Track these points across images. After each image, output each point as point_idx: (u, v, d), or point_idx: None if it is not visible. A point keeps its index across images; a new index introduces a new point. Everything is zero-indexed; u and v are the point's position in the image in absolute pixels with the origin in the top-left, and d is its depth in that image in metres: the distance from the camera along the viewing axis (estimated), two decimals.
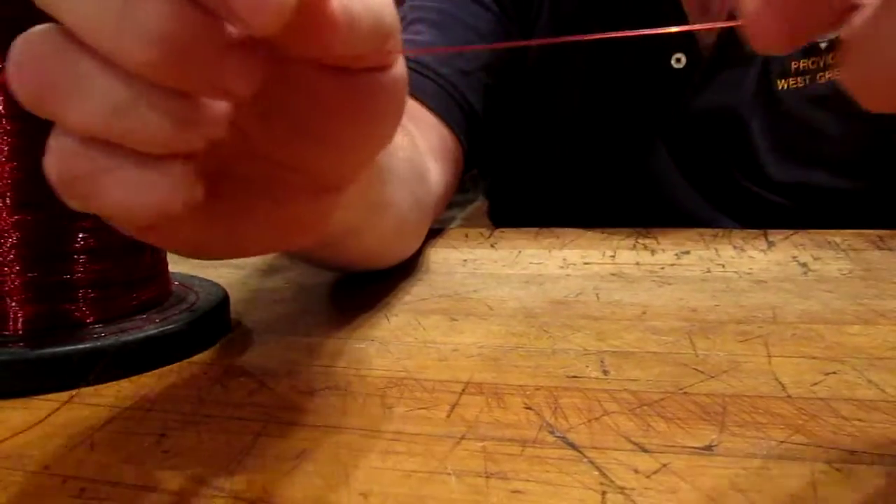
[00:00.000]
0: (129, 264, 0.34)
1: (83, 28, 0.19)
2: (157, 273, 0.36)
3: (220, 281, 0.45)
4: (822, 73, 0.60)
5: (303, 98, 0.23)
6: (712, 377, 0.30)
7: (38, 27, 0.19)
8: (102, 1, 0.18)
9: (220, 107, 0.21)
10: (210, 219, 0.24)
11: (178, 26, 0.18)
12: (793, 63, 0.60)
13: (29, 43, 0.19)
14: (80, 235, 0.32)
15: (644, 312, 0.38)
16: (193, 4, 0.18)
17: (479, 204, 0.81)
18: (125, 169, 0.20)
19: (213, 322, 0.36)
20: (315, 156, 0.25)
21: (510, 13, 0.65)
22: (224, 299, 0.37)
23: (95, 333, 0.32)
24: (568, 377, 0.30)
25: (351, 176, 0.27)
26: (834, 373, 0.30)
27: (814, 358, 0.31)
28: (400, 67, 0.25)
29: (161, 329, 0.33)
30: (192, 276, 0.41)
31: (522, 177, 0.72)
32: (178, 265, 0.41)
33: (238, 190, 0.25)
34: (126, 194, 0.20)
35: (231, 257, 0.28)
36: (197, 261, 0.51)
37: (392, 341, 0.35)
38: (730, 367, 0.31)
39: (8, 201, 0.31)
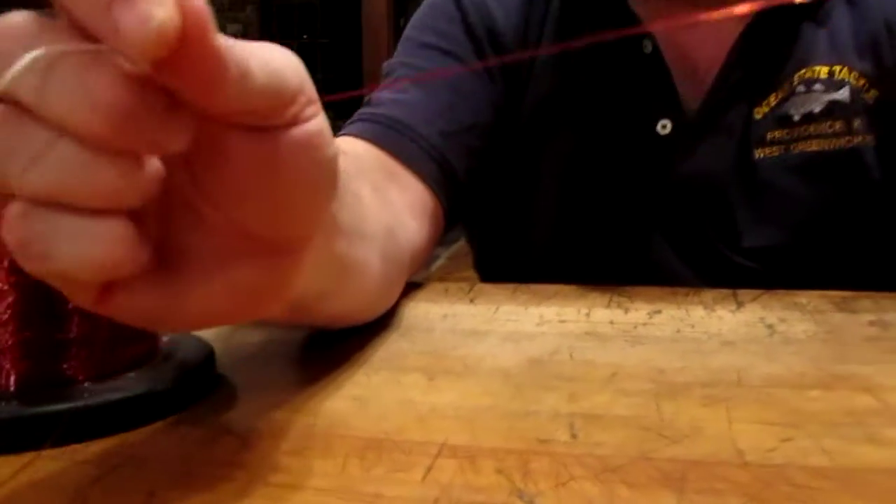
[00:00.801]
0: (122, 326, 0.35)
1: (38, 103, 0.21)
2: (146, 332, 0.37)
3: (208, 334, 0.47)
4: (795, 144, 0.63)
5: (227, 160, 0.25)
6: (675, 442, 0.31)
7: None
8: (56, 77, 0.21)
9: (155, 164, 0.23)
10: (166, 290, 0.26)
11: (128, 97, 0.21)
12: (768, 133, 0.63)
13: None
14: None
15: (615, 373, 0.40)
16: (137, 77, 0.21)
17: (464, 243, 0.83)
18: (74, 226, 0.22)
19: (200, 380, 0.37)
20: (255, 217, 0.26)
21: (496, 78, 0.67)
22: (210, 356, 0.39)
23: (86, 391, 0.33)
24: (539, 440, 0.31)
25: (301, 236, 0.28)
26: (790, 439, 0.31)
27: (772, 423, 0.33)
28: (316, 123, 0.26)
29: (149, 388, 0.34)
30: (181, 333, 0.42)
31: (506, 230, 0.74)
32: None
33: (192, 261, 0.26)
34: (76, 250, 0.22)
35: (196, 328, 0.30)
36: None
37: (372, 400, 0.37)
38: (692, 432, 0.32)
39: (5, 263, 0.33)
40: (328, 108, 0.28)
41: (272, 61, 0.24)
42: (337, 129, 0.28)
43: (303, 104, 0.25)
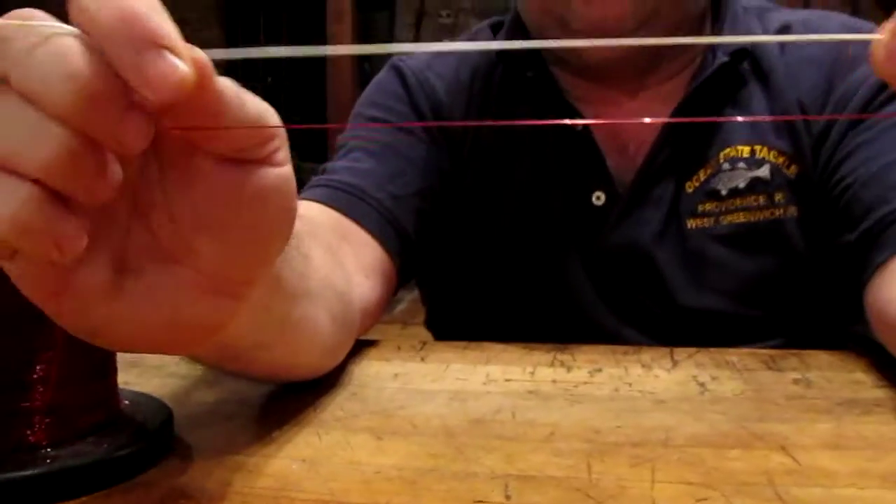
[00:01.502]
0: (84, 391, 0.37)
1: (16, 70, 0.24)
2: (108, 397, 0.39)
3: (166, 391, 0.49)
4: (724, 216, 0.67)
5: (202, 186, 0.29)
6: (600, 503, 0.34)
7: None
8: (41, 49, 0.24)
9: (116, 170, 0.26)
10: (115, 304, 0.29)
11: (99, 81, 0.24)
12: (699, 205, 0.67)
13: None
14: (39, 367, 0.36)
15: (552, 433, 0.43)
16: (108, 67, 0.24)
17: None
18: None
19: (158, 443, 0.39)
20: (210, 250, 0.30)
21: (440, 143, 0.71)
22: (168, 420, 0.41)
23: (48, 457, 0.35)
24: (474, 502, 0.34)
25: (245, 282, 0.32)
26: (705, 499, 0.34)
27: (691, 484, 0.36)
28: (287, 170, 0.30)
29: (108, 453, 0.36)
30: (140, 394, 0.44)
31: (455, 290, 0.77)
32: (127, 374, 0.44)
33: (142, 285, 0.29)
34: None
35: (130, 350, 0.33)
36: (147, 368, 0.54)
37: (322, 462, 0.39)
38: (617, 492, 0.35)
39: None
40: (292, 149, 0.32)
41: (259, 102, 0.28)
42: (300, 170, 0.31)
43: (278, 145, 0.29)
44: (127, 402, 0.42)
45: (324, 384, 0.51)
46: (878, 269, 0.56)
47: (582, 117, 0.68)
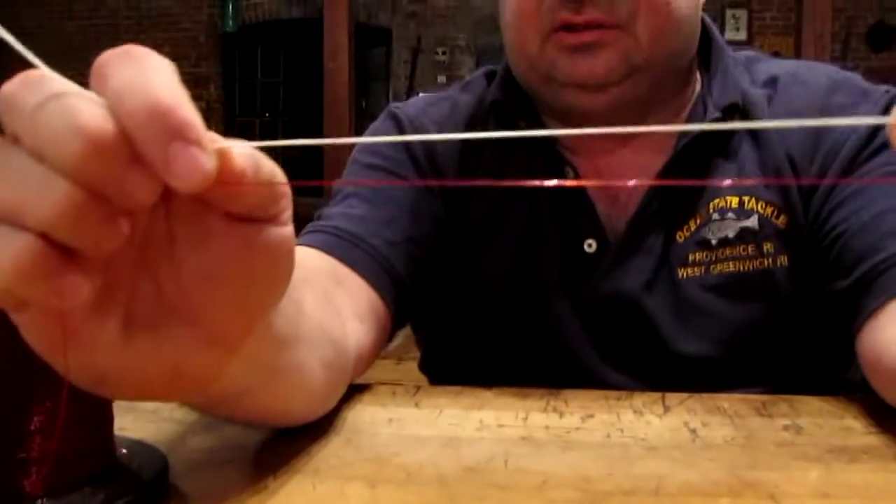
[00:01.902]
0: (81, 441, 0.38)
1: (26, 126, 0.25)
2: (104, 446, 0.39)
3: (161, 437, 0.49)
4: (714, 265, 0.68)
5: (211, 242, 0.30)
6: None
7: None
8: (51, 105, 0.25)
9: (122, 224, 0.26)
10: (118, 355, 0.30)
11: (101, 132, 0.25)
12: (689, 255, 0.68)
13: None
14: (37, 418, 0.36)
15: (544, 482, 0.43)
16: (117, 123, 0.25)
17: None
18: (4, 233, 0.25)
19: (153, 492, 0.39)
20: (211, 304, 0.31)
21: (437, 197, 0.72)
22: (163, 469, 0.41)
23: None
24: None
25: (240, 334, 0.33)
26: None
27: None
28: (290, 229, 0.32)
29: (105, 503, 0.36)
30: (136, 442, 0.45)
31: (450, 335, 0.78)
32: (122, 419, 0.44)
33: (148, 334, 0.31)
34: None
35: (130, 399, 0.35)
36: (142, 413, 0.54)
37: None
38: None
39: None
40: (295, 148, 0.34)
41: (270, 163, 0.30)
42: (296, 204, 0.33)
43: (285, 205, 0.31)
44: (123, 450, 0.43)
45: (318, 430, 0.52)
46: (872, 316, 0.57)
47: (573, 166, 0.70)
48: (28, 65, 0.27)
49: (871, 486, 0.42)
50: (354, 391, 0.60)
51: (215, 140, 0.27)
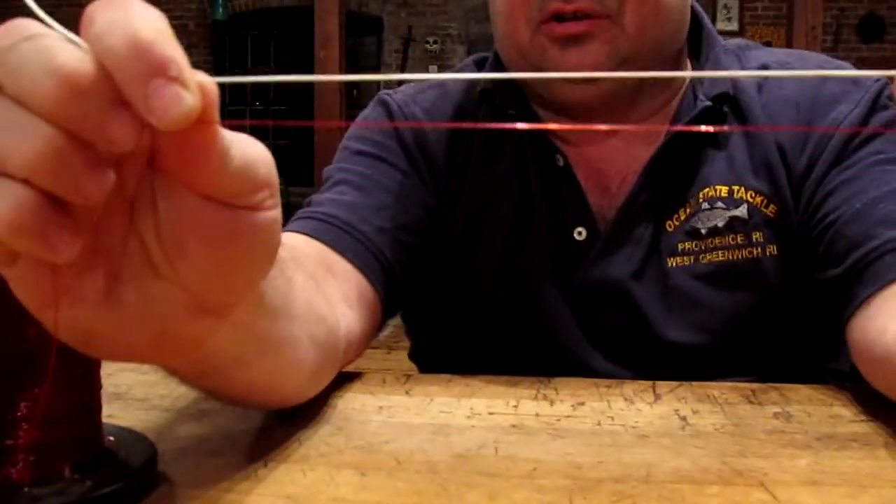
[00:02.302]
0: (68, 429, 0.37)
1: (6, 75, 0.25)
2: (92, 434, 0.39)
3: (150, 425, 0.49)
4: (704, 254, 0.68)
5: (191, 222, 0.29)
6: None
7: None
8: (31, 44, 0.25)
9: (107, 172, 0.26)
10: (106, 315, 0.30)
11: (79, 72, 0.24)
12: (680, 244, 0.68)
13: None
14: (23, 405, 0.36)
15: (535, 469, 0.43)
16: (96, 64, 0.25)
17: None
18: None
19: (142, 481, 0.39)
20: (197, 275, 0.31)
21: (425, 178, 0.72)
22: (152, 457, 0.41)
23: (32, 496, 0.35)
24: None
25: (227, 303, 0.33)
26: None
27: None
28: (273, 214, 0.31)
29: (91, 492, 0.36)
30: (124, 429, 0.44)
31: (440, 323, 0.78)
32: (110, 406, 0.44)
33: (132, 298, 0.30)
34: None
35: (116, 359, 0.35)
36: (131, 401, 0.54)
37: (306, 499, 0.39)
38: None
39: None
40: (280, 174, 0.33)
41: (249, 153, 0.29)
42: (287, 194, 0.33)
43: (266, 195, 0.30)
44: (111, 437, 0.42)
45: (308, 417, 0.51)
46: (863, 304, 0.57)
47: (563, 154, 0.70)
48: None
49: (859, 474, 0.42)
50: (345, 379, 0.59)
51: (201, 77, 0.26)
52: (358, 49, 6.50)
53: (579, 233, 0.69)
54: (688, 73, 0.74)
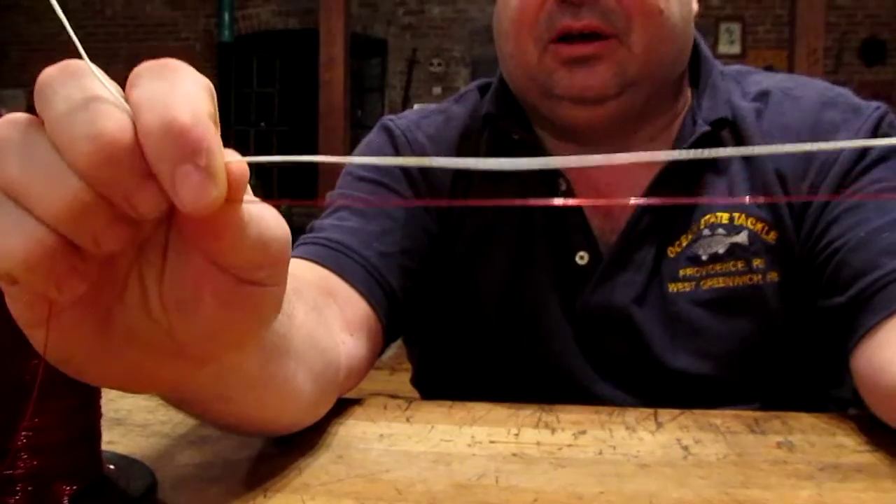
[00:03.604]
0: (68, 458, 0.37)
1: (50, 118, 0.26)
2: (91, 463, 0.39)
3: (151, 453, 0.49)
4: (705, 280, 0.68)
5: (195, 281, 0.30)
6: None
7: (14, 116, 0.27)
8: (72, 102, 0.26)
9: (126, 228, 0.27)
10: (95, 346, 0.30)
11: (118, 144, 0.25)
12: (680, 270, 0.68)
13: (7, 117, 0.27)
14: (23, 434, 0.36)
15: (535, 499, 0.43)
16: (134, 137, 0.25)
17: None
18: (12, 214, 0.26)
19: None
20: (187, 329, 0.31)
21: (431, 210, 0.72)
22: (152, 485, 0.41)
23: None
24: None
25: (210, 358, 0.33)
26: None
27: None
28: (276, 289, 0.32)
29: None
30: (124, 457, 0.44)
31: (442, 349, 0.78)
32: (111, 433, 0.44)
33: (123, 333, 0.31)
34: (4, 235, 0.26)
35: (92, 383, 0.35)
36: (132, 427, 0.54)
37: None
38: None
39: None
40: (283, 195, 0.34)
41: (265, 230, 0.30)
42: (290, 215, 0.33)
43: (272, 273, 0.31)
44: (111, 465, 0.42)
45: (309, 445, 0.51)
46: (868, 333, 0.57)
47: (566, 178, 0.70)
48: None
49: None
50: (346, 405, 0.59)
51: (229, 154, 0.27)
52: (362, 71, 6.54)
53: (581, 257, 0.69)
54: (733, 150, 0.74)
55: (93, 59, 0.27)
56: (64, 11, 0.29)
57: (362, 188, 0.72)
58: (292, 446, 0.50)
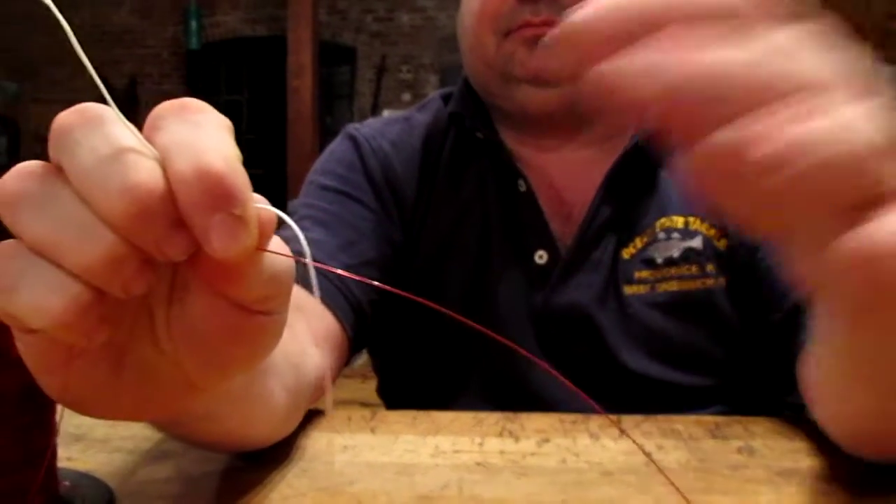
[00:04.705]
0: (20, 478, 0.37)
1: (76, 167, 0.25)
2: (46, 483, 0.38)
3: (110, 469, 0.48)
4: (659, 283, 0.69)
5: (205, 316, 0.29)
6: None
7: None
8: (104, 153, 0.25)
9: (153, 273, 0.26)
10: (103, 378, 0.30)
11: (154, 198, 0.24)
12: (635, 272, 0.69)
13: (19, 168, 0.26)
14: None
15: None
16: (167, 186, 0.25)
17: None
18: (48, 274, 0.25)
19: None
20: (195, 361, 0.31)
21: (391, 213, 0.72)
22: (109, 502, 0.40)
23: None
24: None
25: (214, 385, 0.33)
26: None
27: None
28: (283, 316, 0.32)
29: None
30: (82, 475, 0.44)
31: (406, 359, 0.78)
32: (70, 449, 0.43)
33: (135, 368, 0.31)
34: (38, 295, 0.25)
35: (91, 416, 0.33)
36: (92, 442, 0.53)
37: None
38: None
39: None
40: (258, 166, 0.33)
41: (277, 264, 0.29)
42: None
43: (281, 301, 0.31)
44: (67, 483, 0.42)
45: (272, 458, 0.51)
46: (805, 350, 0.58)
47: (525, 179, 0.71)
48: None
49: None
50: (310, 416, 0.59)
51: (258, 201, 0.27)
52: (331, 78, 6.52)
53: (540, 256, 0.70)
54: None
55: (61, 67, 0.27)
56: (28, 18, 0.28)
57: (325, 198, 0.72)
58: (255, 461, 0.50)
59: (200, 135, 0.26)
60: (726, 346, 0.69)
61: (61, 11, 0.27)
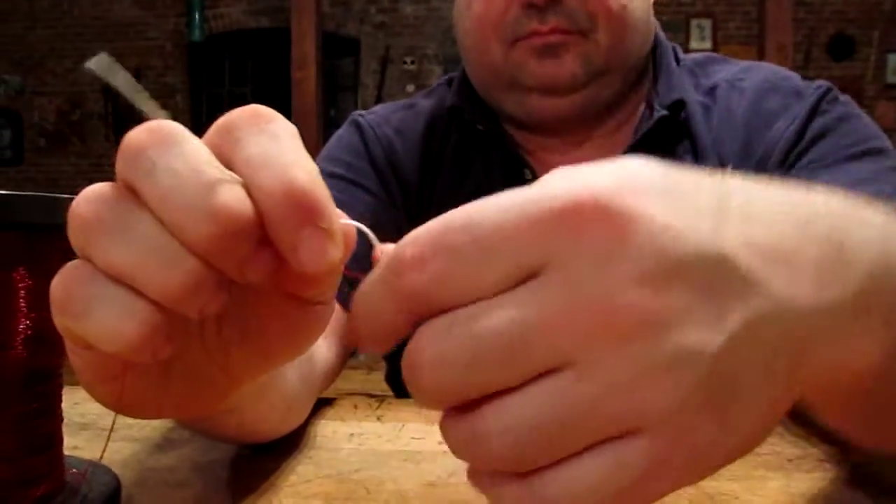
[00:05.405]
0: (25, 465, 0.36)
1: (156, 195, 0.24)
2: (51, 470, 0.38)
3: (117, 457, 0.48)
4: None
5: (261, 313, 0.29)
6: None
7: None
8: (184, 179, 0.24)
9: (225, 293, 0.25)
10: (153, 385, 0.30)
11: (241, 221, 0.24)
12: None
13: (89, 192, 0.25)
14: None
15: None
16: (250, 207, 0.24)
17: None
18: (122, 299, 0.24)
19: None
20: (244, 359, 0.31)
21: (396, 201, 0.72)
22: (116, 490, 0.40)
23: None
24: None
25: (254, 378, 0.33)
26: None
27: None
28: (331, 308, 0.31)
29: None
30: (88, 462, 0.43)
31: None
32: (76, 438, 0.43)
33: (181, 372, 0.30)
34: (112, 319, 0.24)
35: (147, 417, 0.34)
36: (98, 431, 0.53)
37: None
38: None
39: None
40: None
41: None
42: None
43: (335, 289, 0.30)
44: (73, 470, 0.42)
45: (278, 446, 0.51)
46: None
47: (531, 169, 0.70)
48: None
49: (830, 498, 0.42)
50: (317, 405, 0.59)
51: (340, 216, 0.26)
52: (336, 70, 6.51)
53: None
54: None
55: (62, 60, 0.26)
56: (30, 11, 0.27)
57: (331, 185, 0.71)
58: (261, 448, 0.50)
59: (281, 148, 0.25)
60: None
61: (63, 2, 0.26)
